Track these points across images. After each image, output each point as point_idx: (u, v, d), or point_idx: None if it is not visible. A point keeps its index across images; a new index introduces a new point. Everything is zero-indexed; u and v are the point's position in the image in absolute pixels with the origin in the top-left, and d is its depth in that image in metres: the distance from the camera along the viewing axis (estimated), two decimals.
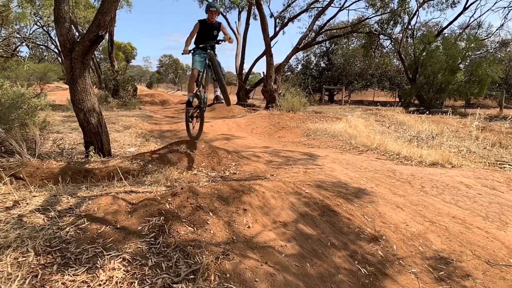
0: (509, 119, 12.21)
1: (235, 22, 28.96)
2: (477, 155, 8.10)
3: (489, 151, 8.57)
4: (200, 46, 5.51)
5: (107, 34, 16.59)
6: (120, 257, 2.35)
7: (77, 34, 18.38)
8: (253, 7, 19.92)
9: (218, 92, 5.55)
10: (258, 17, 17.97)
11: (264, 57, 18.45)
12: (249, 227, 3.05)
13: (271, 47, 18.13)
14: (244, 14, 24.19)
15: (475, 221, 4.30)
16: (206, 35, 5.54)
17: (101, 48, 30.40)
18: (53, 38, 27.06)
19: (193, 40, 5.62)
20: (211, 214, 3.04)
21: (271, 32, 19.99)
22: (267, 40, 17.72)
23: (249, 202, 3.42)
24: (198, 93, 5.62)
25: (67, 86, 5.79)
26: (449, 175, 6.02)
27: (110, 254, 2.36)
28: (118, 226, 2.74)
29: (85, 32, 5.74)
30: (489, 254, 3.52)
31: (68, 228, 2.63)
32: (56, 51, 28.54)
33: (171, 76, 52.73)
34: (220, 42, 5.60)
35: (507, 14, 22.76)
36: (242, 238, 2.85)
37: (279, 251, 2.86)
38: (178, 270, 2.31)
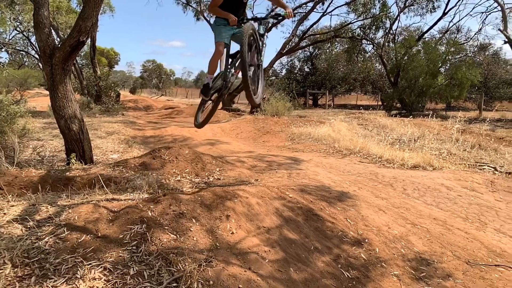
0: (488, 121, 12.54)
1: None
2: (458, 157, 8.28)
3: (469, 153, 8.78)
4: (250, 18, 3.96)
5: (89, 40, 16.38)
6: (101, 267, 2.31)
7: (58, 39, 18.09)
8: None
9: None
10: None
11: None
12: (232, 233, 3.05)
13: None
14: None
15: (456, 222, 4.39)
16: (232, 1, 3.93)
17: (83, 53, 29.96)
18: (34, 43, 26.50)
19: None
20: (194, 221, 3.03)
21: None
22: None
23: (233, 208, 3.42)
24: (228, 73, 4.15)
25: (47, 92, 5.69)
26: (430, 177, 6.14)
27: (90, 264, 2.32)
28: (99, 234, 2.70)
29: (66, 37, 5.65)
30: (469, 255, 3.60)
31: (47, 238, 2.58)
32: (37, 56, 27.99)
33: (155, 81, 52.24)
34: (280, 18, 4.12)
35: (485, 19, 23.46)
36: (225, 245, 2.84)
37: (262, 256, 2.86)
38: (161, 279, 2.29)
